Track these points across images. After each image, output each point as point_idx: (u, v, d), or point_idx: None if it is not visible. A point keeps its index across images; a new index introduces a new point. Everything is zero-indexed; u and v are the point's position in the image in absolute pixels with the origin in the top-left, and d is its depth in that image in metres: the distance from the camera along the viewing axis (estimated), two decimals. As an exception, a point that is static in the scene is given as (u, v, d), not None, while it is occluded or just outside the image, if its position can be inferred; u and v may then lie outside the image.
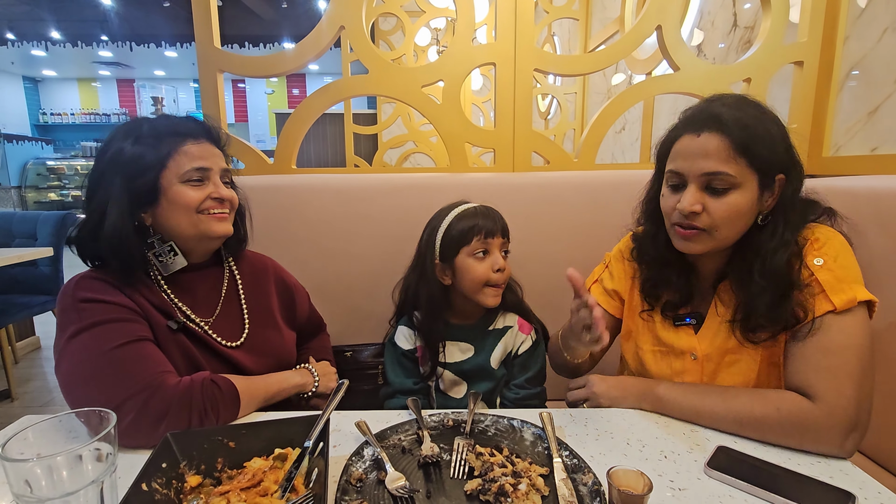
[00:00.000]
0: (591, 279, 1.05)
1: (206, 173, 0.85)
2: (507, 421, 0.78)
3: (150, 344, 0.79)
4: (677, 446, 0.73)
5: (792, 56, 1.33)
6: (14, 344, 3.08)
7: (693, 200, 0.77)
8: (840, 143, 1.38)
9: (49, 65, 9.16)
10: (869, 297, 0.74)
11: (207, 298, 0.93)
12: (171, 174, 0.83)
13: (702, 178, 0.77)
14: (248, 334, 0.94)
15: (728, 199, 0.77)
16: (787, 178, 0.78)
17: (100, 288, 0.80)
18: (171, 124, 0.85)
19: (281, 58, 1.36)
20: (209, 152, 0.87)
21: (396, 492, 0.61)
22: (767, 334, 0.78)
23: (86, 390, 0.73)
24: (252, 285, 1.00)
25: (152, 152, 0.82)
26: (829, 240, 0.79)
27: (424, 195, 1.28)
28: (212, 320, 0.92)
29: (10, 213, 3.09)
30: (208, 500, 0.56)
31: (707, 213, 0.78)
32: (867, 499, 0.60)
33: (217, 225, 0.87)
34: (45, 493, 0.48)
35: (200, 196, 0.84)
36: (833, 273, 0.75)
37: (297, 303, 1.08)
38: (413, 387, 1.04)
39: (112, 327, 0.76)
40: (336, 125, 4.96)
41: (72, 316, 0.77)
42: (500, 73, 1.36)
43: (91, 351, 0.74)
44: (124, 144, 0.82)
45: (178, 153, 0.83)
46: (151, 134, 0.83)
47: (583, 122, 3.36)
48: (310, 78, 9.98)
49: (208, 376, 0.78)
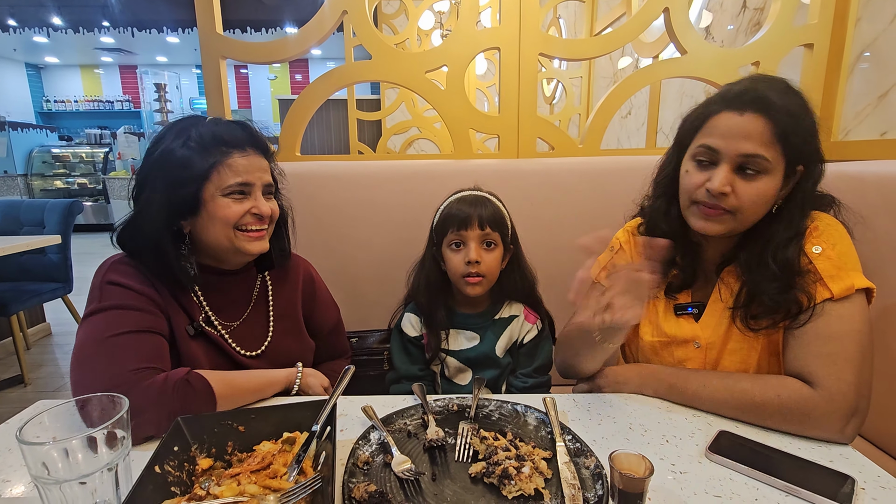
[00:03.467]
0: (597, 267, 1.01)
1: (248, 188, 0.84)
2: (511, 406, 0.79)
3: (152, 336, 0.79)
4: (679, 431, 0.74)
5: (802, 38, 1.30)
6: (25, 330, 3.13)
7: (725, 181, 0.76)
8: (849, 128, 1.36)
9: (51, 51, 9.12)
10: (867, 284, 0.74)
11: (236, 303, 0.94)
12: (213, 186, 0.82)
13: (737, 159, 0.76)
14: (269, 344, 0.95)
15: (758, 183, 0.76)
16: (806, 170, 0.78)
17: (130, 273, 0.81)
18: (218, 132, 0.83)
19: (284, 43, 1.35)
20: (254, 165, 0.85)
21: (402, 474, 0.62)
22: (769, 321, 0.79)
23: (74, 373, 0.74)
24: (282, 292, 1.00)
25: (198, 162, 0.80)
26: (828, 227, 0.79)
27: (429, 182, 1.28)
28: (235, 326, 0.92)
29: (18, 201, 3.11)
30: (220, 482, 0.58)
31: (735, 194, 0.76)
32: (866, 482, 0.61)
33: (252, 244, 0.86)
34: (62, 474, 0.49)
35: (240, 210, 0.83)
36: (831, 261, 0.76)
37: (317, 306, 1.06)
38: (418, 373, 1.06)
39: (124, 314, 0.78)
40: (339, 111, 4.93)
41: (95, 294, 0.80)
42: (505, 58, 1.34)
43: (94, 334, 0.76)
44: (174, 145, 0.81)
45: (223, 165, 0.81)
46: (198, 141, 0.81)
47: (588, 106, 3.33)
48: (312, 63, 9.89)
49: (183, 375, 0.75)
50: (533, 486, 0.59)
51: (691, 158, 0.82)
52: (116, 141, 8.23)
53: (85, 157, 8.81)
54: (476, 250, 0.98)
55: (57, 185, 8.60)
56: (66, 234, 2.88)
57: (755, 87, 0.76)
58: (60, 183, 8.64)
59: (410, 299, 1.12)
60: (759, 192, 0.76)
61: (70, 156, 8.69)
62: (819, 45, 1.30)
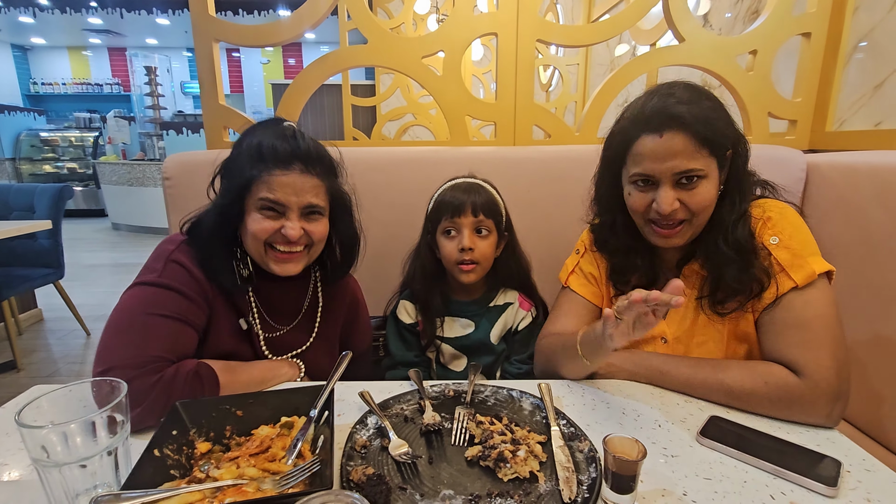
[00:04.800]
0: (565, 271, 1.02)
1: (280, 207, 0.81)
2: (507, 391, 0.80)
3: (185, 327, 0.79)
4: (671, 416, 0.75)
5: (799, 27, 1.30)
6: (17, 316, 3.10)
7: (671, 199, 0.78)
8: (844, 118, 1.37)
9: (38, 32, 8.91)
10: (827, 267, 0.77)
11: (286, 312, 0.94)
12: (252, 198, 0.81)
13: (674, 177, 0.78)
14: (306, 351, 0.95)
15: (700, 189, 0.78)
16: (734, 151, 0.81)
17: (195, 261, 0.83)
18: (268, 144, 0.81)
19: (278, 26, 1.33)
20: (294, 185, 0.81)
21: (400, 458, 0.63)
22: (735, 304, 0.81)
23: (106, 336, 0.75)
24: (329, 308, 1.00)
25: (245, 171, 0.80)
26: (781, 216, 0.81)
27: (425, 169, 1.28)
28: (277, 333, 0.93)
29: (7, 186, 3.06)
30: (219, 465, 0.58)
31: (684, 207, 0.79)
32: (852, 465, 0.63)
33: (278, 266, 0.84)
34: (61, 458, 0.49)
35: (269, 229, 0.81)
36: (790, 250, 0.78)
37: (354, 331, 1.06)
38: (413, 359, 1.06)
39: (172, 295, 0.79)
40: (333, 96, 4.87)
41: (155, 266, 0.81)
42: (502, 44, 1.33)
43: (136, 306, 0.77)
44: (241, 148, 0.83)
45: (260, 180, 0.80)
46: (249, 149, 0.82)
47: (584, 94, 3.31)
48: (306, 47, 9.74)
49: (193, 368, 0.76)
50: (528, 468, 0.60)
51: (630, 183, 0.84)
52: (106, 125, 8.09)
53: (74, 141, 8.67)
54: (469, 237, 0.98)
55: (46, 170, 8.46)
56: (57, 220, 2.85)
57: (664, 106, 0.78)
58: (49, 167, 8.50)
59: (406, 287, 1.12)
60: (704, 197, 0.79)
61: (59, 140, 8.54)
62: (816, 34, 1.29)
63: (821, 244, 0.80)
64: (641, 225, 0.86)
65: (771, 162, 1.18)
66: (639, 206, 0.83)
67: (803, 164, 1.18)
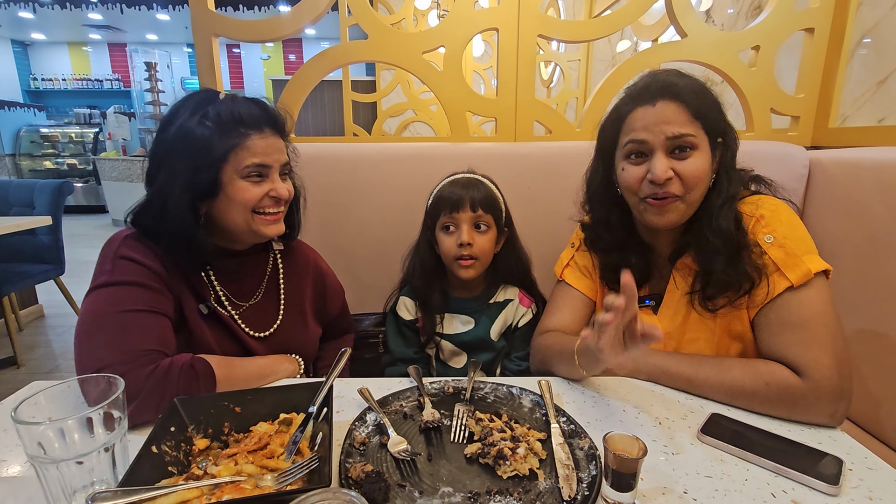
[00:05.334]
0: (560, 264, 1.02)
1: (265, 170, 0.83)
2: (506, 388, 0.80)
3: (160, 318, 0.78)
4: (671, 413, 0.75)
5: (803, 23, 1.29)
6: (17, 312, 3.10)
7: (665, 166, 0.78)
8: (847, 114, 1.36)
9: (38, 28, 8.87)
10: (823, 266, 0.76)
11: (247, 285, 0.94)
12: (231, 168, 0.80)
13: (667, 143, 0.78)
14: (279, 327, 0.95)
15: (693, 159, 0.78)
16: (724, 141, 0.81)
17: (143, 251, 0.80)
18: (236, 111, 0.81)
19: (278, 22, 1.32)
20: (272, 147, 0.83)
21: (399, 455, 0.62)
22: (725, 300, 0.81)
23: (82, 344, 0.74)
24: (292, 277, 1.00)
25: (217, 143, 0.79)
26: (775, 213, 0.80)
27: (425, 165, 1.27)
28: (246, 307, 0.92)
29: (7, 182, 3.05)
30: (217, 462, 0.58)
31: (678, 177, 0.78)
32: (854, 463, 0.62)
33: (269, 228, 0.86)
34: (58, 454, 0.49)
35: (259, 193, 0.82)
36: (784, 249, 0.77)
37: (328, 299, 1.07)
38: (413, 356, 1.06)
39: (134, 290, 0.77)
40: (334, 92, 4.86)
41: (105, 267, 0.79)
42: (503, 39, 1.32)
43: (104, 307, 0.75)
44: (190, 123, 0.79)
45: (241, 147, 0.80)
46: (216, 120, 0.80)
47: (586, 90, 3.30)
48: (306, 43, 9.70)
49: (188, 361, 0.76)
50: (527, 466, 0.60)
51: (623, 158, 0.84)
52: (106, 121, 8.08)
53: (74, 137, 8.66)
54: (468, 232, 0.98)
55: (46, 166, 8.45)
56: (57, 216, 2.85)
57: (656, 79, 0.81)
58: (50, 163, 8.50)
59: (406, 283, 1.12)
60: (698, 167, 0.78)
61: (59, 136, 8.53)
62: (820, 30, 1.28)
63: (823, 241, 0.79)
64: (636, 204, 0.85)
65: (773, 158, 1.18)
66: (633, 180, 0.82)
67: (806, 161, 1.18)
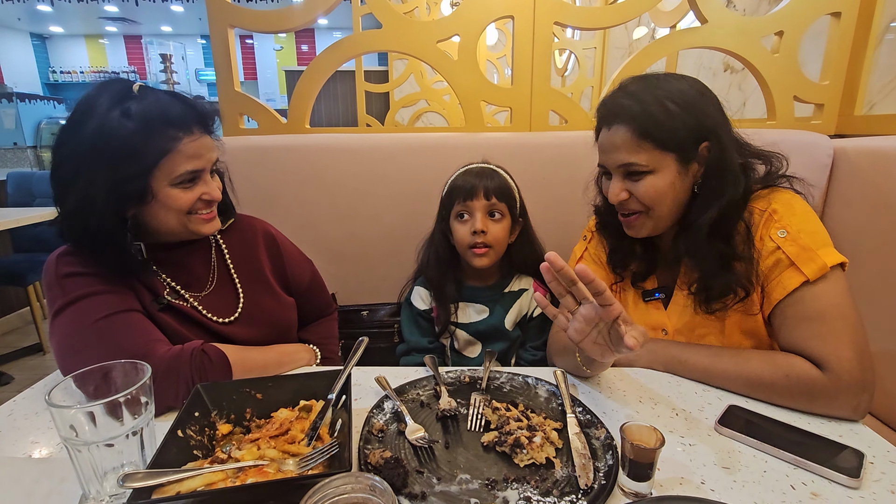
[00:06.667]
0: (573, 259, 1.02)
1: (198, 174, 0.80)
2: (522, 378, 0.80)
3: (136, 314, 0.78)
4: (688, 404, 0.74)
5: (829, 6, 1.25)
6: (42, 300, 3.19)
7: (617, 190, 0.82)
8: (874, 101, 1.32)
9: (55, 21, 8.99)
10: (839, 259, 0.74)
11: (198, 274, 0.91)
12: (163, 176, 0.75)
13: (619, 169, 0.82)
14: (243, 308, 0.92)
15: (646, 182, 0.80)
16: (710, 143, 0.78)
17: (81, 262, 0.78)
18: (162, 111, 0.74)
19: (291, 12, 1.32)
20: (203, 147, 0.79)
21: (416, 442, 0.63)
22: (720, 304, 0.81)
23: (76, 361, 0.69)
24: (241, 254, 0.96)
25: (145, 148, 0.73)
26: (788, 207, 0.79)
27: (440, 155, 1.27)
28: (202, 296, 0.89)
29: (30, 173, 3.13)
30: (240, 447, 0.59)
31: (634, 197, 0.82)
32: (875, 456, 0.62)
33: (206, 226, 0.83)
34: (89, 437, 0.51)
35: (192, 198, 0.79)
36: (798, 243, 0.76)
37: (287, 264, 1.02)
38: (428, 345, 1.07)
39: (96, 300, 0.75)
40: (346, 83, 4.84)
41: (56, 292, 0.76)
42: (518, 27, 1.31)
43: (78, 324, 0.74)
44: (110, 121, 0.72)
45: (174, 153, 0.75)
46: (142, 121, 0.72)
47: (601, 79, 3.24)
48: (319, 34, 9.69)
49: (199, 346, 0.76)
50: (544, 454, 0.60)
51: (602, 174, 0.89)
52: (123, 113, 8.16)
53: (93, 130, 8.78)
54: (482, 220, 0.98)
55: (66, 158, 8.60)
56: (79, 206, 2.90)
57: (613, 99, 0.82)
58: (69, 155, 8.64)
59: (420, 273, 1.13)
60: (650, 189, 0.80)
61: (78, 128, 8.65)
62: (847, 14, 1.24)
63: (846, 233, 0.78)
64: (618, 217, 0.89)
65: (796, 147, 1.15)
66: (608, 195, 0.86)
67: (830, 150, 1.15)
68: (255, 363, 0.83)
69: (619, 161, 0.80)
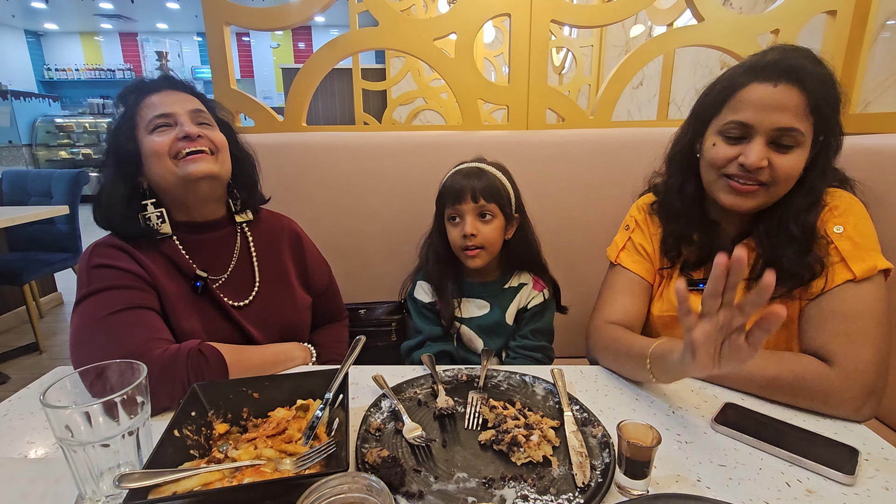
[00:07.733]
0: (615, 248, 1.00)
1: (170, 118, 0.85)
2: (519, 376, 0.81)
3: (148, 312, 0.80)
4: (684, 403, 0.75)
5: (824, 4, 1.25)
6: (38, 299, 3.18)
7: (762, 155, 0.74)
8: (869, 100, 1.33)
9: (50, 17, 8.94)
10: (888, 265, 0.74)
11: (220, 259, 0.94)
12: (142, 130, 0.85)
13: (772, 133, 0.74)
14: (257, 295, 0.94)
15: (792, 156, 0.75)
16: (826, 139, 0.77)
17: (113, 254, 0.82)
18: (135, 83, 0.90)
19: (288, 9, 1.31)
20: (172, 98, 0.88)
21: (414, 441, 0.63)
22: (783, 289, 0.78)
23: (79, 353, 0.75)
24: (265, 246, 0.99)
25: (124, 113, 0.87)
26: (849, 206, 0.78)
27: (437, 153, 1.27)
28: (221, 280, 0.92)
29: (25, 172, 3.11)
30: (237, 446, 0.59)
31: (771, 168, 0.75)
32: (870, 453, 0.62)
33: (192, 166, 0.84)
34: (85, 437, 0.51)
35: (167, 140, 0.84)
36: (852, 241, 0.75)
37: (308, 263, 1.06)
38: (442, 332, 1.06)
39: (115, 293, 0.78)
40: (343, 80, 4.84)
41: (83, 280, 0.81)
42: (515, 25, 1.30)
43: (90, 316, 0.77)
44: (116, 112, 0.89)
45: (142, 106, 0.86)
46: (121, 97, 0.89)
47: (599, 77, 3.25)
48: (316, 31, 9.66)
49: (196, 346, 0.77)
50: (541, 453, 0.60)
51: (718, 132, 0.80)
52: (119, 111, 8.13)
53: (88, 127, 8.76)
54: (472, 223, 0.98)
55: (62, 156, 8.57)
56: (74, 205, 2.90)
57: (786, 58, 0.74)
58: (65, 153, 8.61)
59: (421, 270, 1.13)
60: (794, 165, 0.75)
61: (74, 126, 8.63)
62: (842, 12, 1.25)
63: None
64: (713, 181, 0.82)
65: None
66: (720, 158, 0.79)
67: (825, 148, 1.15)
68: (252, 362, 0.83)
69: (780, 124, 0.72)
